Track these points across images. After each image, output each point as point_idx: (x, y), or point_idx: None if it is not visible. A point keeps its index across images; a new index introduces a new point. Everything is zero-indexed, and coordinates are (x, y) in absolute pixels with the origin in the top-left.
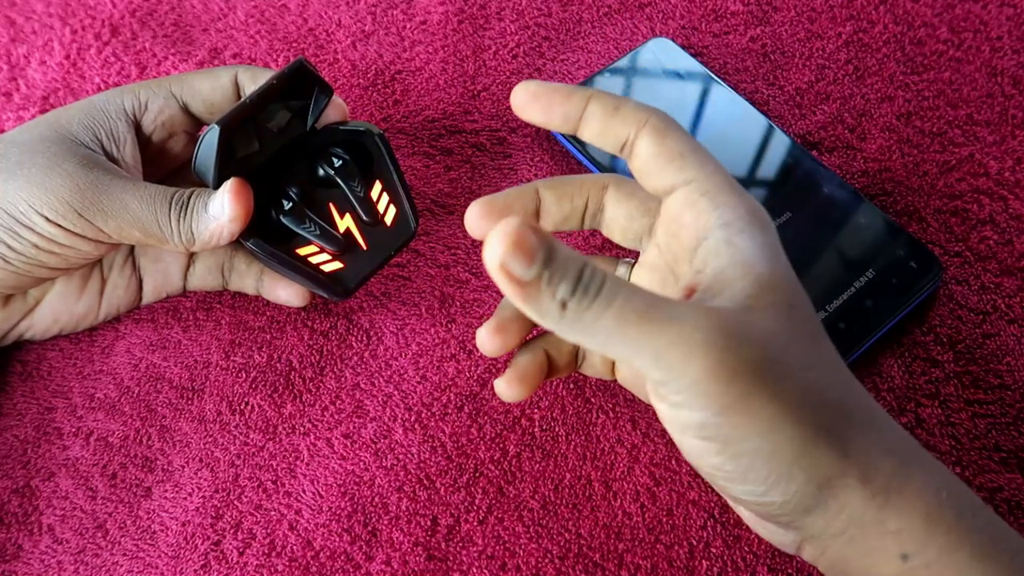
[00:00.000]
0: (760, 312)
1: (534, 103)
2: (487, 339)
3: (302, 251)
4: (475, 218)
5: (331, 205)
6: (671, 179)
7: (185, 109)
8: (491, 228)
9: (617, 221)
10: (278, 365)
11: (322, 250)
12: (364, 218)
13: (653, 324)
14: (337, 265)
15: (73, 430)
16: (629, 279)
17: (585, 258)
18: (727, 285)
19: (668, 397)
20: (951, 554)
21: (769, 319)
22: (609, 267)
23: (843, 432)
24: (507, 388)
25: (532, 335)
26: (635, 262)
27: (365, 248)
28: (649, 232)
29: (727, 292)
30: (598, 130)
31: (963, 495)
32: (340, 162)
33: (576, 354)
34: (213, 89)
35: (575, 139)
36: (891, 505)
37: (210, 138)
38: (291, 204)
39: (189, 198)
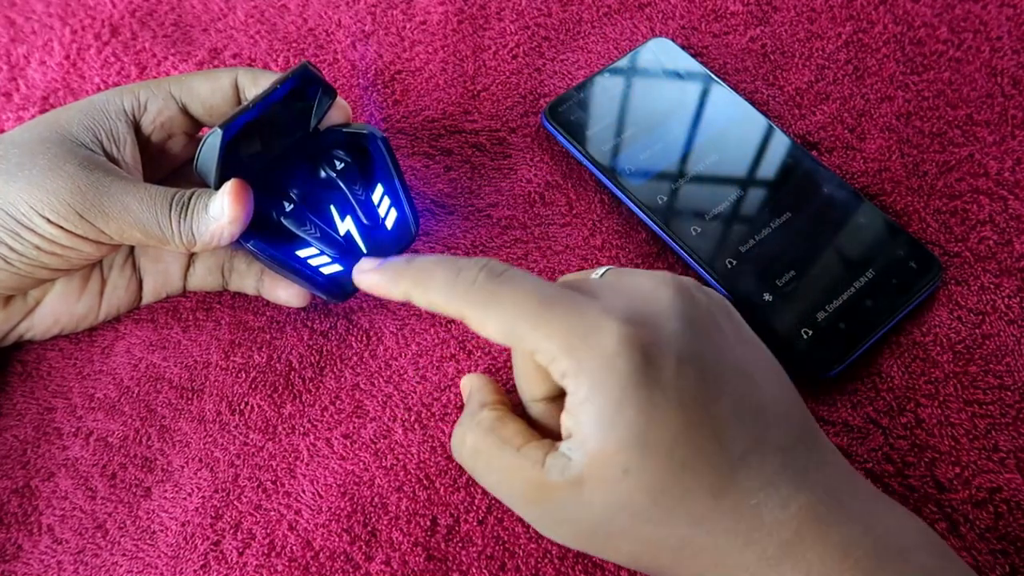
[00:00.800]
0: (589, 488)
1: (371, 291)
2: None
3: (302, 253)
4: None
5: (332, 207)
6: (521, 349)
7: (184, 110)
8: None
9: None
10: (278, 365)
11: (322, 252)
12: (365, 221)
13: (509, 489)
14: (337, 268)
15: (73, 430)
16: None
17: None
18: (575, 446)
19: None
20: None
21: (596, 494)
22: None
23: (687, 566)
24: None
25: None
26: None
27: (365, 251)
28: None
29: (574, 452)
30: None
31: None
32: (342, 164)
33: None
34: (213, 91)
35: (575, 139)
36: None
37: (212, 140)
38: (292, 206)
39: (190, 199)
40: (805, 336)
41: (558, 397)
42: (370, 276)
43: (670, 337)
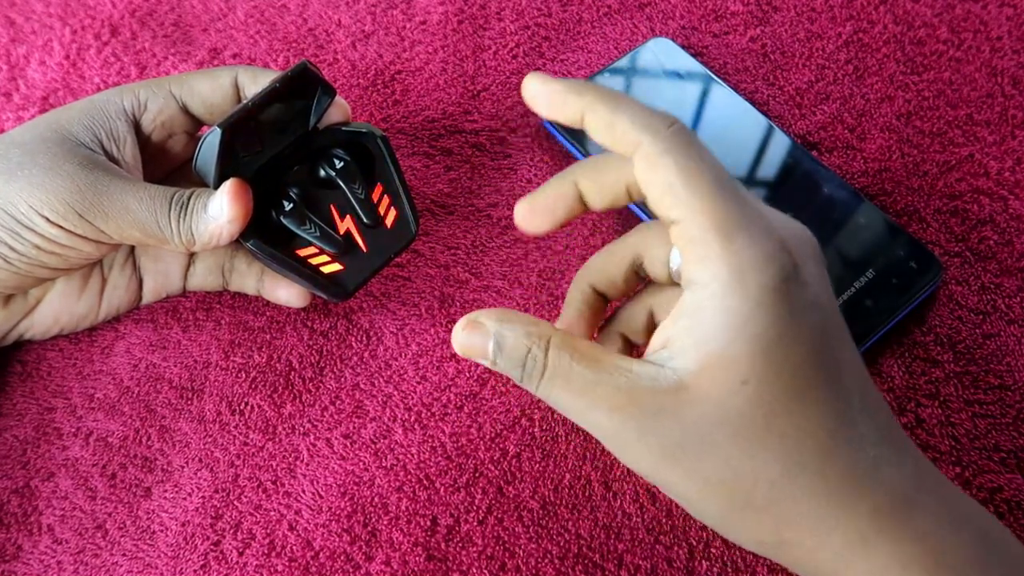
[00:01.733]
0: (697, 396)
1: (541, 99)
2: (526, 215)
3: (302, 252)
4: (523, 220)
5: (332, 206)
6: (662, 214)
7: (184, 109)
8: (541, 226)
9: (659, 203)
10: (278, 365)
11: (322, 252)
12: (364, 220)
13: (591, 400)
14: (337, 267)
15: (73, 430)
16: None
17: (530, 344)
18: (677, 353)
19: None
20: None
21: (708, 404)
22: (666, 239)
23: (781, 507)
24: (528, 215)
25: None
26: None
27: (365, 250)
28: None
29: (675, 360)
30: (600, 139)
31: (958, 558)
32: (341, 163)
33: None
34: (213, 90)
35: (575, 139)
36: (848, 569)
37: (212, 139)
38: (292, 205)
39: (189, 198)
40: None
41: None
42: (549, 83)
43: (812, 267)
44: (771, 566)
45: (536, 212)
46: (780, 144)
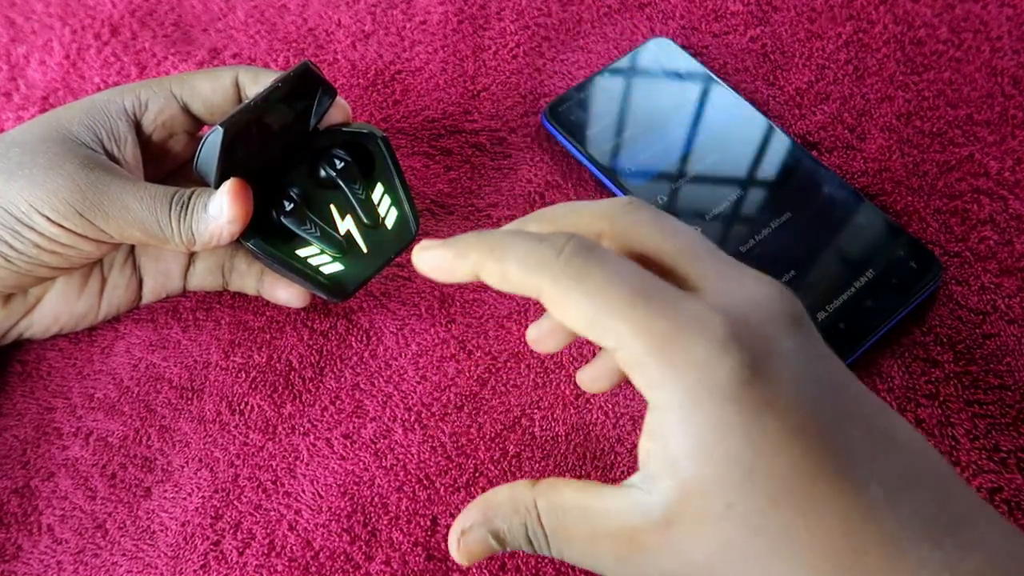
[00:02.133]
0: (686, 530)
1: (432, 273)
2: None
3: (302, 252)
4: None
5: (332, 207)
6: (599, 343)
7: (185, 109)
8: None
9: None
10: (278, 365)
11: (322, 252)
12: (365, 220)
13: (595, 554)
14: (337, 267)
15: (73, 430)
16: None
17: (523, 522)
18: (657, 480)
19: None
20: None
21: (696, 537)
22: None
23: None
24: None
25: None
26: None
27: (365, 251)
28: None
29: (657, 488)
30: (504, 288)
31: None
32: (342, 164)
33: None
34: (214, 90)
35: (575, 139)
36: None
37: (213, 139)
38: (292, 205)
39: (189, 198)
40: None
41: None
42: (433, 252)
43: (782, 344)
44: None
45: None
46: (780, 144)
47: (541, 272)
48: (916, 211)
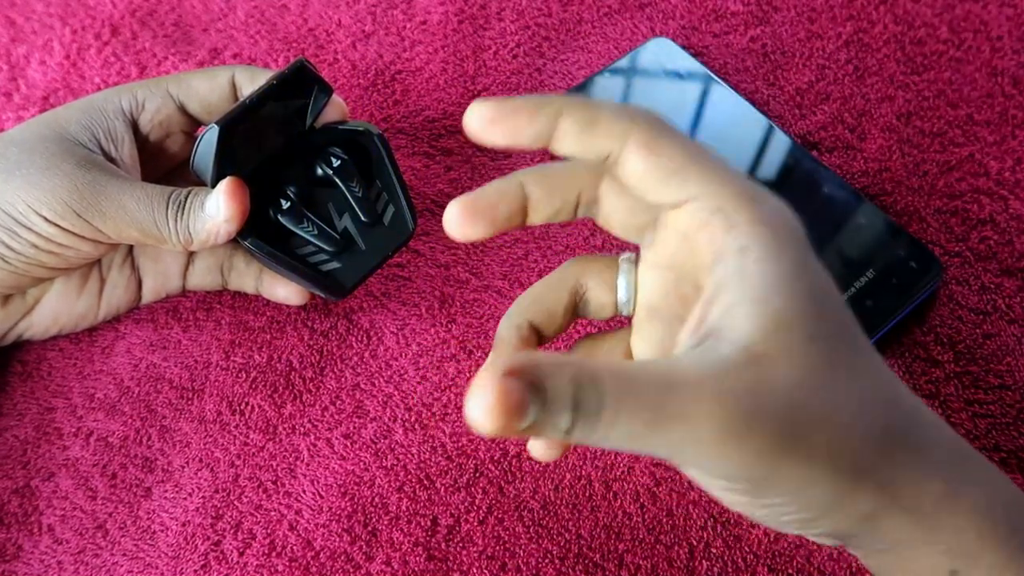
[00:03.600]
0: (773, 361)
1: (493, 127)
2: (462, 216)
3: (300, 250)
4: (457, 222)
5: (329, 204)
6: (673, 195)
7: (182, 109)
8: (475, 231)
9: (616, 215)
10: (278, 365)
11: (320, 250)
12: (362, 218)
13: (661, 427)
14: (335, 265)
15: (73, 430)
16: (635, 280)
17: (577, 371)
18: (736, 326)
19: (695, 474)
20: (1001, 571)
21: (785, 366)
22: (607, 267)
23: (886, 465)
24: (465, 217)
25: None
26: (637, 258)
27: (363, 248)
28: (654, 225)
29: (736, 335)
30: (575, 148)
31: (1018, 508)
32: (339, 162)
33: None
34: (211, 89)
35: None
36: (940, 526)
37: (209, 137)
38: (289, 203)
39: (186, 197)
40: None
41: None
42: (504, 103)
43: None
44: (771, 566)
45: (477, 213)
46: (780, 144)
47: (635, 119)
48: (916, 211)
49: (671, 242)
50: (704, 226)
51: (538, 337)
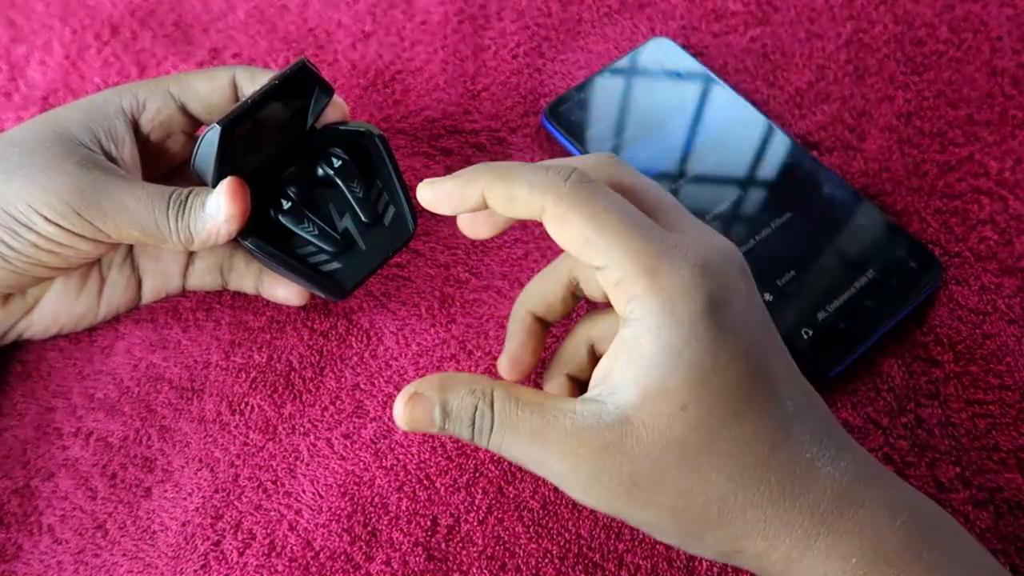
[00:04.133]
0: (637, 429)
1: (438, 205)
2: (507, 372)
3: (300, 251)
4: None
5: (330, 205)
6: (588, 262)
7: (183, 109)
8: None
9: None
10: (278, 365)
11: (320, 250)
12: (363, 218)
13: (532, 462)
14: (335, 265)
15: (73, 430)
16: None
17: (475, 401)
18: (617, 388)
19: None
20: None
21: (647, 434)
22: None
23: (732, 519)
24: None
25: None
26: None
27: (363, 248)
28: None
29: (616, 395)
30: (508, 215)
31: (894, 544)
32: (339, 162)
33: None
34: (211, 90)
35: (575, 139)
36: (796, 567)
37: (210, 137)
38: (290, 204)
39: (187, 197)
40: (805, 336)
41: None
42: (442, 184)
43: (737, 285)
44: None
45: (441, 202)
46: (780, 144)
47: (546, 193)
48: (916, 211)
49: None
50: (612, 291)
51: (543, 324)
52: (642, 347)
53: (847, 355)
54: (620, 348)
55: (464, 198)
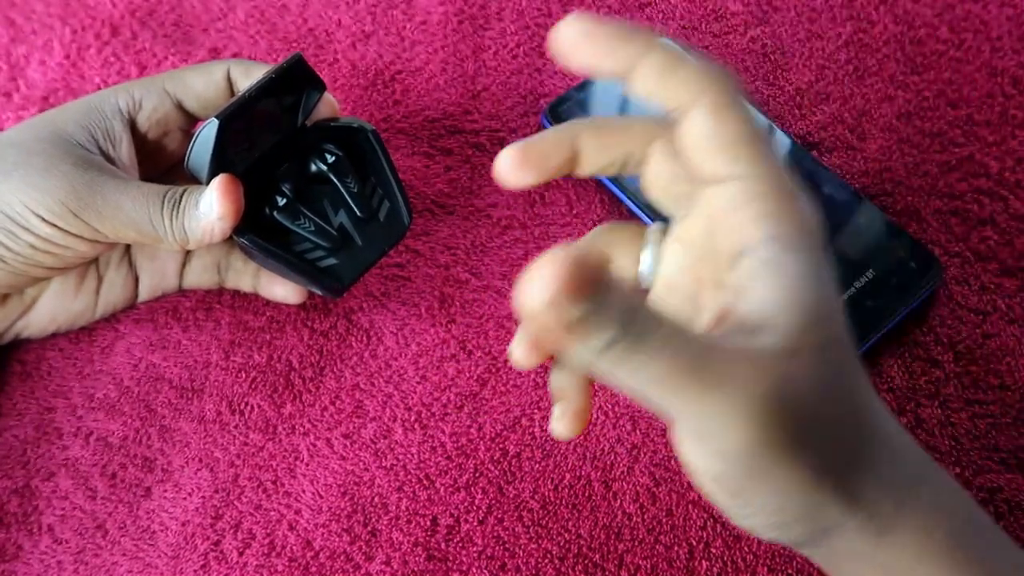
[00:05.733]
0: (802, 359)
1: (585, 44)
2: (523, 357)
3: (297, 247)
4: (509, 168)
5: (325, 201)
6: (720, 169)
7: (179, 106)
8: (526, 177)
9: (659, 180)
10: (278, 365)
11: (317, 246)
12: (358, 213)
13: (701, 385)
14: (332, 261)
15: (73, 430)
16: (660, 253)
17: (640, 297)
18: (771, 319)
19: (694, 447)
20: None
21: (810, 367)
22: (635, 238)
23: (855, 480)
24: (518, 163)
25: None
26: (665, 229)
27: (359, 244)
28: (690, 199)
29: (770, 328)
30: (650, 88)
31: (962, 525)
32: (333, 158)
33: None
34: (207, 85)
35: None
36: (885, 542)
37: (205, 134)
38: (285, 200)
39: (181, 196)
40: None
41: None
42: (604, 27)
43: None
44: (771, 566)
45: (529, 160)
46: (780, 144)
47: (715, 82)
48: (916, 211)
49: (700, 222)
50: (738, 209)
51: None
52: (790, 270)
53: None
54: (754, 275)
55: (621, 47)
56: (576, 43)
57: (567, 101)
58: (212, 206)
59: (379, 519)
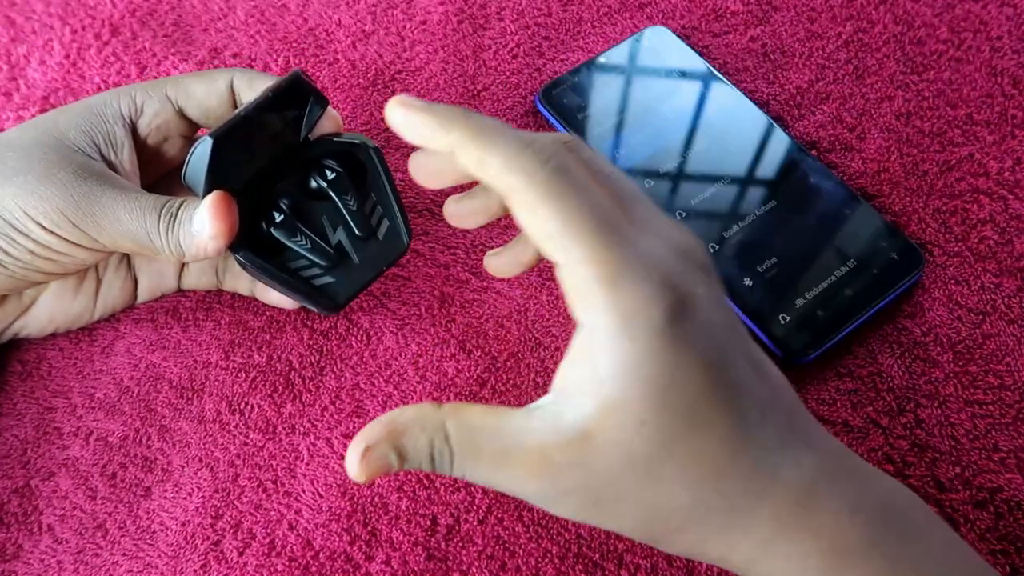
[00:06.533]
0: (598, 442)
1: (406, 131)
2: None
3: (293, 264)
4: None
5: (323, 218)
6: (546, 255)
7: (180, 113)
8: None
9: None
10: (278, 365)
11: (313, 264)
12: (356, 232)
13: (497, 485)
14: (328, 279)
15: (73, 430)
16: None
17: (429, 440)
18: (575, 398)
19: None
20: None
21: (607, 447)
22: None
23: (694, 528)
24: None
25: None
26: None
27: (357, 262)
28: None
29: (573, 406)
30: (472, 174)
31: (854, 541)
32: (333, 175)
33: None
34: (208, 93)
35: (569, 124)
36: (756, 568)
37: (202, 150)
38: (282, 216)
39: (178, 209)
40: (783, 321)
41: None
42: (414, 112)
43: (698, 292)
44: None
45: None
46: (768, 134)
47: (520, 177)
48: (915, 211)
49: None
50: (568, 292)
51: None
52: (599, 358)
53: (823, 341)
54: (577, 355)
55: (431, 137)
56: (401, 128)
57: (561, 85)
58: (205, 225)
59: (379, 519)
